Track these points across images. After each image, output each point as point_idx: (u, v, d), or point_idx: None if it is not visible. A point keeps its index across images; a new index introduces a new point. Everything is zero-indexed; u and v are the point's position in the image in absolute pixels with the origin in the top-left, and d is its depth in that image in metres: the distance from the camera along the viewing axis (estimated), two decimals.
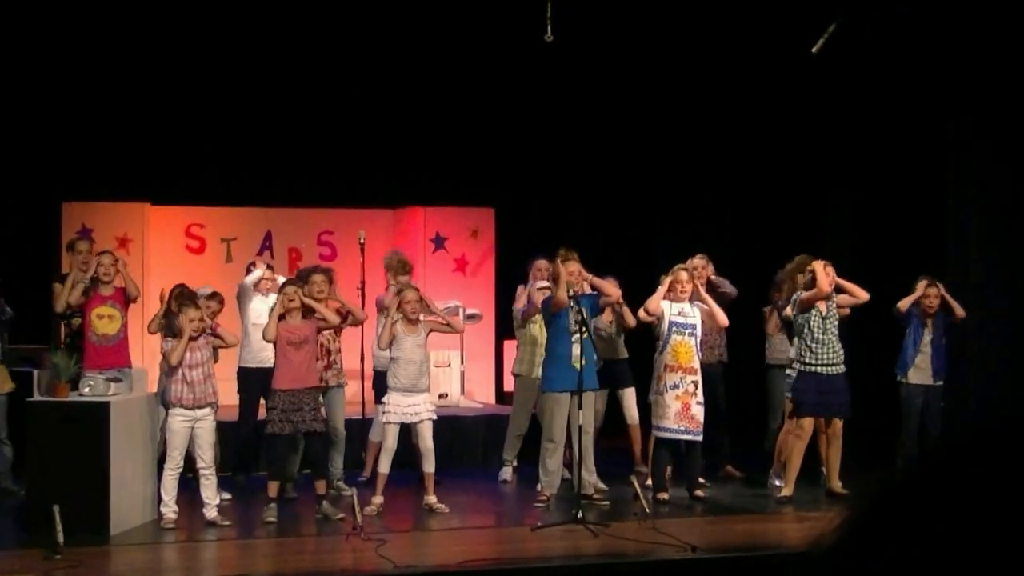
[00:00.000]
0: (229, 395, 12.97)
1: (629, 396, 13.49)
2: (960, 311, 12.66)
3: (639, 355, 13.34)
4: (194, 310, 11.20)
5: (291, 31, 14.92)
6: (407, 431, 11.96)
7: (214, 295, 12.40)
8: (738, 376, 13.81)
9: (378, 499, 11.62)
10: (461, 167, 16.60)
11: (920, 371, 12.72)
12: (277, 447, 11.38)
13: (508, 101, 16.19)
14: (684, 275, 12.24)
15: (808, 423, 12.08)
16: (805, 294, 12.06)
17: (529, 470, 13.85)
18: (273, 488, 11.30)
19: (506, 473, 13.54)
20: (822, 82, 14.93)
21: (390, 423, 11.67)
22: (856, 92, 14.84)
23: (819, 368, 12.07)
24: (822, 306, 12.11)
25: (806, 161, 15.61)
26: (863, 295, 12.24)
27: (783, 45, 14.35)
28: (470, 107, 16.23)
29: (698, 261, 13.05)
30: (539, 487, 12.18)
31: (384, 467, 11.67)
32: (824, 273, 12.00)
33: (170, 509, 11.00)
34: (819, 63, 14.08)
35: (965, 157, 13.99)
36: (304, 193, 16.40)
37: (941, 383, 12.74)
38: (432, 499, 11.77)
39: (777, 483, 12.69)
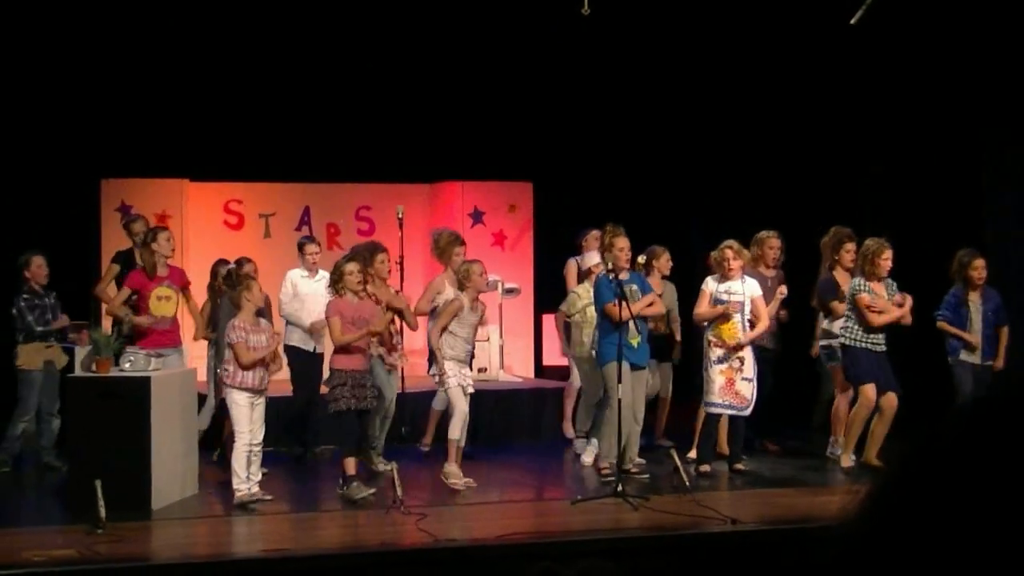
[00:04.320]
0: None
1: (665, 369, 13.48)
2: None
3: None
4: (256, 284, 11.19)
5: (329, 5, 14.91)
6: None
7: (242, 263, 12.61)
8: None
9: (454, 468, 11.59)
10: (498, 141, 16.56)
11: (971, 350, 12.55)
12: (347, 422, 11.16)
13: (545, 75, 16.15)
14: (729, 252, 12.18)
15: (870, 390, 11.98)
16: (862, 308, 12.00)
17: (566, 443, 13.90)
18: (351, 465, 11.09)
19: (582, 446, 13.26)
20: (856, 59, 14.83)
21: (456, 387, 11.61)
22: (890, 70, 14.74)
23: (870, 345, 12.02)
24: (880, 288, 12.06)
25: (841, 138, 15.52)
26: (906, 319, 12.17)
27: (818, 21, 14.26)
28: (507, 81, 16.20)
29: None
30: (599, 459, 12.12)
31: (457, 432, 11.58)
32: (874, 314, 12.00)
33: (245, 486, 10.84)
34: (853, 41, 13.99)
35: (1000, 135, 13.93)
36: (342, 168, 16.42)
37: (990, 363, 12.56)
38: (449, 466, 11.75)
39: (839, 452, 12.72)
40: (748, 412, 12.18)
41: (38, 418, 12.70)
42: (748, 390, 12.10)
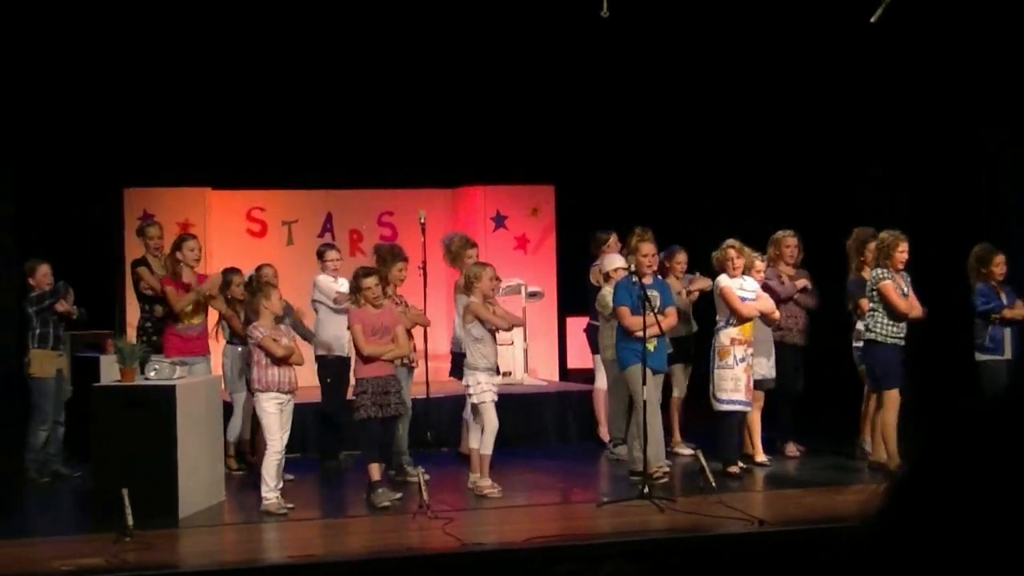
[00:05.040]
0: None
1: (682, 370, 13.47)
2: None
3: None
4: (276, 291, 11.24)
5: (350, 11, 14.93)
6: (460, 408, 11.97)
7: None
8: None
9: (489, 481, 11.56)
10: (520, 145, 16.56)
11: (1007, 345, 12.34)
12: (371, 429, 11.16)
13: (565, 78, 16.15)
14: (732, 252, 12.22)
15: (896, 395, 11.90)
16: (890, 292, 11.90)
17: (591, 446, 13.86)
18: (375, 471, 11.09)
19: (623, 452, 12.90)
20: (859, 59, 14.80)
21: (486, 402, 11.54)
22: (891, 68, 14.70)
23: (898, 341, 11.95)
24: (899, 279, 12.00)
25: (843, 137, 15.48)
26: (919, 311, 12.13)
27: (826, 23, 14.26)
28: (528, 85, 16.19)
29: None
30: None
31: (489, 448, 11.56)
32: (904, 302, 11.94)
33: (274, 494, 10.85)
34: (857, 45, 14.00)
35: (1000, 132, 13.89)
36: (364, 174, 16.44)
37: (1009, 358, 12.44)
38: (477, 476, 11.74)
39: (868, 449, 12.68)
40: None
41: None
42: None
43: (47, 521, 11.34)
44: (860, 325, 12.79)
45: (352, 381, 11.63)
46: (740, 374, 12.08)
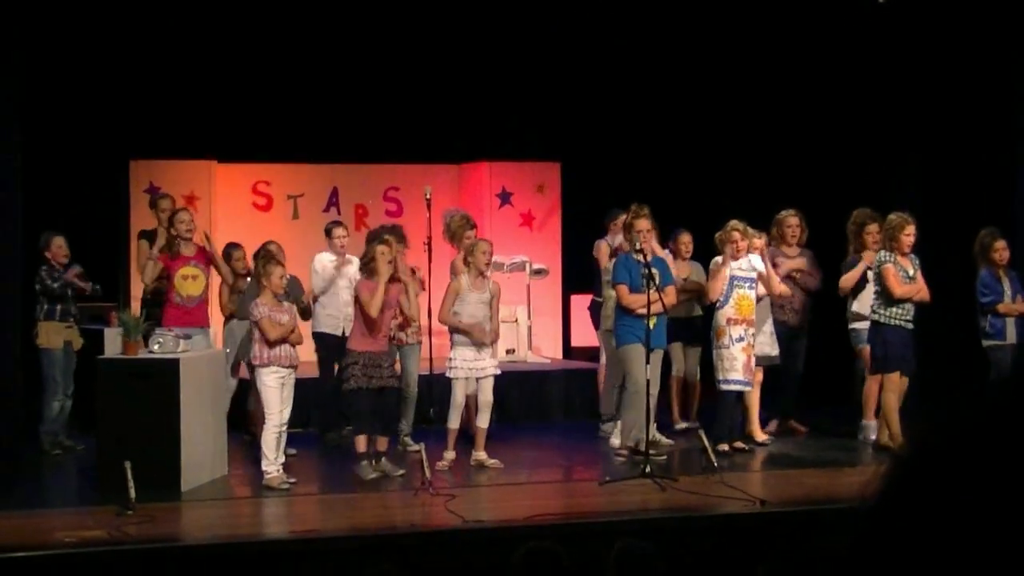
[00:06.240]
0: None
1: (693, 352, 13.49)
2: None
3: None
4: (278, 266, 11.19)
5: None
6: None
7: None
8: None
9: (450, 454, 11.68)
10: (526, 122, 16.55)
11: (1010, 330, 12.39)
12: (360, 401, 11.25)
13: (573, 54, 16.12)
14: (737, 234, 12.22)
15: (896, 378, 11.96)
16: (889, 276, 11.91)
17: (594, 424, 13.85)
18: (361, 443, 11.17)
19: (610, 429, 12.91)
20: (888, 40, 14.75)
21: (458, 378, 11.69)
22: (922, 50, 14.65)
23: (904, 323, 11.97)
24: (906, 262, 12.00)
25: (873, 121, 15.43)
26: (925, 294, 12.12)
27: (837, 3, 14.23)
28: (535, 61, 16.16)
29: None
30: (617, 439, 12.10)
31: (453, 422, 11.73)
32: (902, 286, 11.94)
33: (274, 467, 10.90)
34: (886, 20, 13.93)
35: (1016, 120, 13.85)
36: (370, 149, 16.42)
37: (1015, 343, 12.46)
38: (482, 455, 11.80)
39: (871, 436, 12.64)
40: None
41: None
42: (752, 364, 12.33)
43: (51, 493, 11.39)
44: (855, 306, 12.86)
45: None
46: (737, 354, 12.11)
